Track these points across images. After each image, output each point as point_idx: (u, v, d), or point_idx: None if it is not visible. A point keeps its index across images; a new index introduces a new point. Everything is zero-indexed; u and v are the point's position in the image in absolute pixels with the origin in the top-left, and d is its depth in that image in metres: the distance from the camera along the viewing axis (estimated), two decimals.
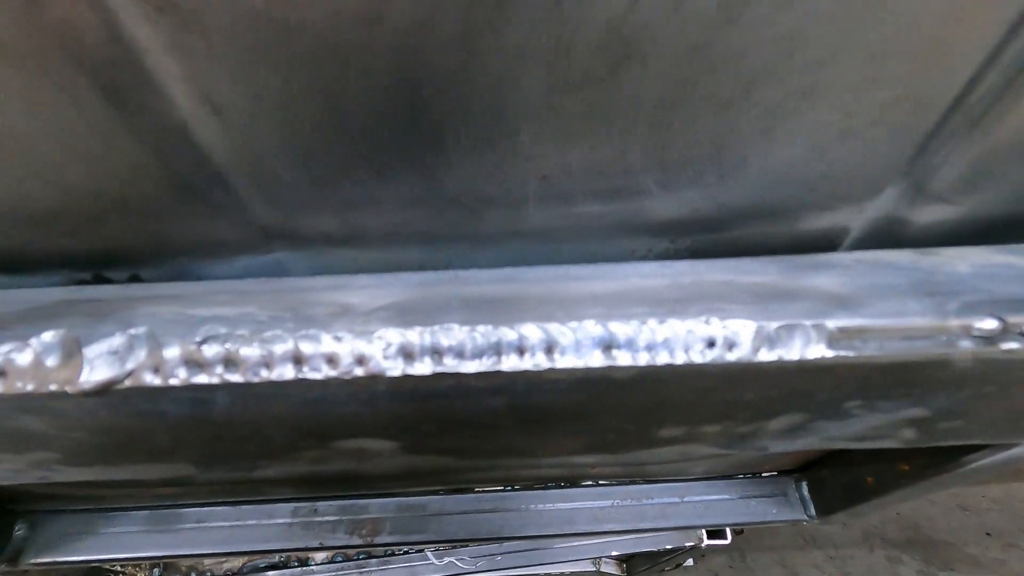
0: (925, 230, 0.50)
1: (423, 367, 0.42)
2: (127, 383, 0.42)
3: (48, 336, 0.42)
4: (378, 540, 1.18)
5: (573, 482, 1.29)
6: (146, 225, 0.45)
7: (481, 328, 0.42)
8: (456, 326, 0.43)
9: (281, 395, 0.44)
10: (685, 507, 1.26)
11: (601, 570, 2.95)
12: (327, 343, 0.42)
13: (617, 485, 1.29)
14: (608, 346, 0.43)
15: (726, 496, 1.27)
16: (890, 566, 3.03)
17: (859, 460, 1.03)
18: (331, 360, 0.42)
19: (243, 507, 1.18)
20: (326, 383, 0.43)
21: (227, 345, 0.42)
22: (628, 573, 2.89)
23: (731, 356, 0.42)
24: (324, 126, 0.37)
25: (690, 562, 2.84)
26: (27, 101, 0.34)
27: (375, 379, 0.43)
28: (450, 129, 0.38)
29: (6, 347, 0.42)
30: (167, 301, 0.45)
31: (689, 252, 0.49)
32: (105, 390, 0.42)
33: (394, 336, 0.42)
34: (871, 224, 0.49)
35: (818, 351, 0.42)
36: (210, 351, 0.42)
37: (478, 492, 1.28)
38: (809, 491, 1.23)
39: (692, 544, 2.15)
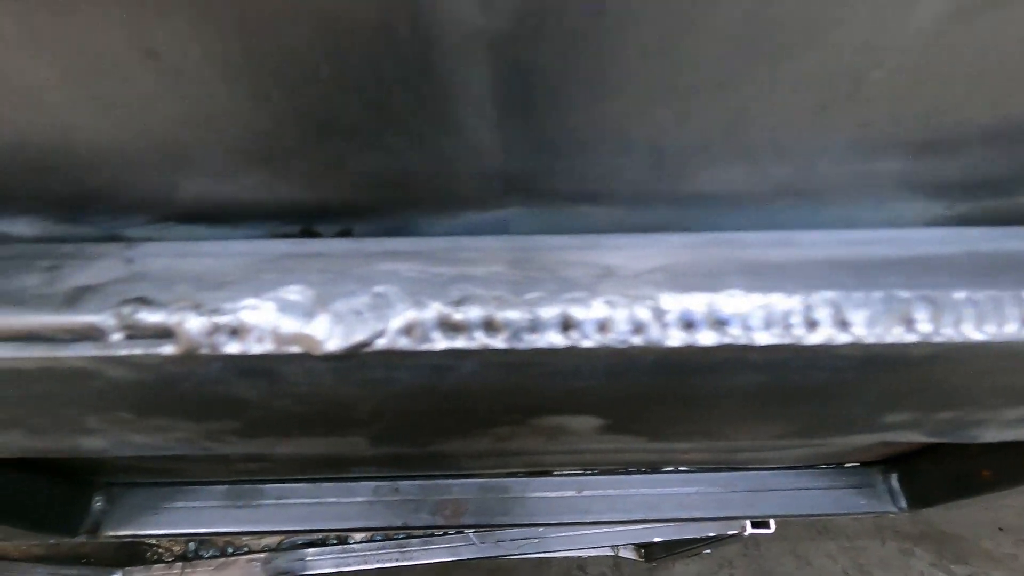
0: None
1: (706, 337, 0.38)
2: (376, 346, 0.37)
3: (288, 293, 0.37)
4: (462, 521, 1.15)
5: (655, 468, 1.26)
6: (375, 169, 0.40)
7: (773, 296, 0.38)
8: (741, 293, 0.38)
9: (531, 364, 0.40)
10: (771, 496, 1.23)
11: (620, 555, 2.96)
12: (598, 308, 0.38)
13: (699, 472, 1.26)
14: (910, 320, 0.38)
15: (811, 486, 1.25)
16: (903, 558, 3.06)
17: (975, 453, 1.00)
18: (603, 327, 0.38)
19: (323, 484, 1.14)
20: (588, 352, 0.39)
21: (488, 307, 0.38)
22: (646, 559, 2.90)
23: None
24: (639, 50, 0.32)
25: (707, 550, 2.85)
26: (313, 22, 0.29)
27: (647, 349, 0.38)
28: (785, 67, 0.32)
29: (238, 303, 0.37)
30: (404, 258, 0.40)
31: (959, 219, 0.44)
32: (352, 354, 0.37)
33: (674, 302, 0.38)
34: None
35: None
36: (468, 313, 0.38)
37: (558, 476, 1.24)
38: (900, 483, 1.20)
39: (735, 532, 2.15)
